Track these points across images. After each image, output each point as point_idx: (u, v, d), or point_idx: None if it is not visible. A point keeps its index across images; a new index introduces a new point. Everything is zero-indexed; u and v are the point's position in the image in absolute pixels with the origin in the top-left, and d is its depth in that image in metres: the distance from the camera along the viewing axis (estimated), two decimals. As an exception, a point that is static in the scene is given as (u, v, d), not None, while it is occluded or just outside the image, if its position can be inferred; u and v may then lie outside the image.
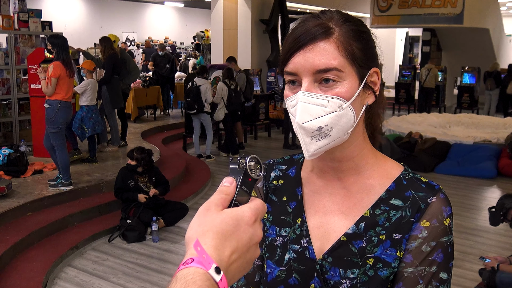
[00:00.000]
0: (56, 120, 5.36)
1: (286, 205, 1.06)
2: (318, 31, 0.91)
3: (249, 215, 0.71)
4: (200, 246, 0.66)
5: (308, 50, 0.90)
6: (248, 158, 0.75)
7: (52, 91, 5.34)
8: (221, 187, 0.74)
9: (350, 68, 0.91)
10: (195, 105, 7.83)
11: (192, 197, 6.37)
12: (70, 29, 15.88)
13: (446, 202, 0.96)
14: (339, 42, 0.91)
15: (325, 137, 0.91)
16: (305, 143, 0.92)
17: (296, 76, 0.92)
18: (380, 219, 0.96)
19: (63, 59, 5.45)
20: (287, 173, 1.09)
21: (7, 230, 4.71)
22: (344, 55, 0.91)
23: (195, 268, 0.64)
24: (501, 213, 3.78)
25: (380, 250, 0.95)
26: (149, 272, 4.42)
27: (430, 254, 0.93)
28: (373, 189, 0.99)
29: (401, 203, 0.96)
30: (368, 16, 14.79)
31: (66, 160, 5.52)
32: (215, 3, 11.95)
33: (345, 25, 0.92)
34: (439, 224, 0.94)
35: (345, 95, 0.91)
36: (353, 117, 0.92)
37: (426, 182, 0.98)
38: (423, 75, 13.55)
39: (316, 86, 0.91)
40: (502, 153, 8.17)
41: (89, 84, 6.56)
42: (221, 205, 0.71)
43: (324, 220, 1.01)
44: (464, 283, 4.25)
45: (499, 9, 15.30)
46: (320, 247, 0.99)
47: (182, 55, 20.18)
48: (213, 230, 0.68)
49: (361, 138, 0.99)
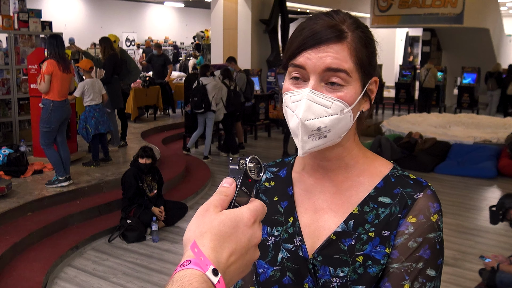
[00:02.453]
0: (50, 119, 5.34)
1: (278, 205, 1.06)
2: (333, 33, 0.91)
3: (248, 216, 0.71)
4: (198, 247, 0.66)
5: (321, 50, 0.91)
6: (248, 159, 0.74)
7: (47, 88, 5.31)
8: (220, 187, 0.74)
9: (357, 74, 0.93)
10: (202, 104, 7.83)
11: (192, 197, 6.37)
12: (70, 29, 15.89)
13: (433, 198, 0.96)
14: (351, 47, 0.92)
15: (322, 138, 0.93)
16: (302, 140, 0.93)
17: (303, 71, 0.92)
18: (369, 216, 0.97)
19: (55, 55, 5.39)
20: (278, 174, 1.10)
21: (7, 230, 4.70)
22: (354, 61, 0.92)
23: (192, 270, 0.63)
24: (500, 212, 3.80)
25: (369, 248, 0.95)
26: (149, 272, 4.42)
27: (417, 250, 0.92)
28: (362, 186, 1.00)
29: (389, 201, 0.97)
30: (368, 16, 14.79)
31: (55, 157, 5.47)
32: (215, 3, 11.95)
33: (357, 31, 0.94)
34: (426, 220, 0.93)
35: (348, 100, 0.92)
36: (350, 122, 0.94)
37: (414, 179, 0.98)
38: (422, 75, 13.55)
39: (322, 86, 0.92)
40: (502, 153, 8.17)
41: (85, 85, 6.42)
42: (220, 206, 0.71)
43: (314, 218, 1.01)
44: (464, 283, 4.25)
45: (499, 9, 15.30)
46: (311, 245, 0.99)
47: (182, 55, 20.19)
48: (211, 231, 0.68)
49: (351, 139, 1.00)
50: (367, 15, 15.47)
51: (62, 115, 5.49)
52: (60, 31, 8.13)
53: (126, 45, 19.23)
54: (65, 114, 5.57)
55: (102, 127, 6.53)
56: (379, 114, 14.23)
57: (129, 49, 18.73)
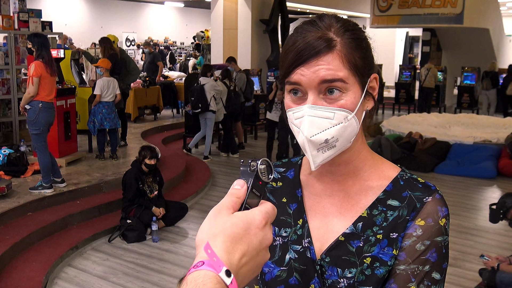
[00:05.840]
0: (38, 121, 5.25)
1: (286, 206, 1.06)
2: (321, 44, 0.90)
3: (259, 218, 0.71)
4: (211, 248, 0.66)
5: (313, 64, 0.90)
6: (260, 161, 0.75)
7: (35, 90, 5.23)
8: (232, 189, 0.74)
9: (353, 79, 0.92)
10: (199, 104, 7.83)
11: (192, 197, 6.37)
12: (70, 29, 15.87)
13: (442, 203, 0.96)
14: (342, 55, 0.91)
15: (331, 148, 0.93)
16: (312, 155, 0.93)
17: (300, 87, 0.93)
18: (377, 219, 0.97)
19: (43, 57, 5.32)
20: (286, 175, 1.10)
21: (7, 230, 4.71)
22: (348, 67, 0.91)
23: (206, 271, 0.64)
24: (501, 211, 3.81)
25: (377, 249, 0.96)
26: (149, 272, 4.42)
27: (424, 253, 0.93)
28: (371, 190, 1.00)
29: (398, 203, 0.97)
30: (368, 16, 14.79)
31: (46, 162, 5.36)
32: (215, 3, 11.95)
33: (346, 34, 0.92)
34: (434, 223, 0.94)
35: (350, 106, 0.92)
36: (357, 126, 0.95)
37: (423, 183, 0.99)
38: (422, 75, 13.55)
39: (321, 98, 0.92)
40: (502, 153, 8.17)
41: (102, 83, 6.86)
42: (232, 208, 0.72)
43: (324, 222, 1.02)
44: (464, 283, 4.25)
45: (499, 9, 15.30)
46: (320, 247, 1.00)
47: (182, 55, 20.18)
48: (224, 233, 0.68)
49: (359, 141, 1.00)
50: (367, 15, 15.48)
51: (50, 117, 5.38)
52: (60, 31, 8.14)
53: (126, 45, 19.23)
54: (52, 117, 5.44)
55: (107, 123, 6.94)
56: (379, 114, 14.23)
57: (129, 49, 18.73)
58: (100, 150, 6.99)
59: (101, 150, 6.99)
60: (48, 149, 5.46)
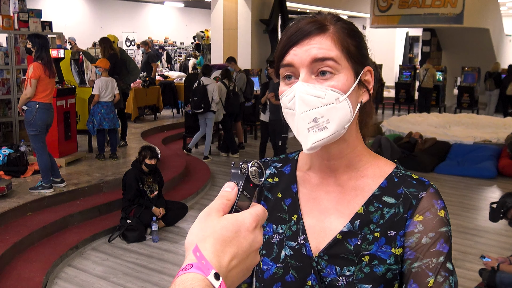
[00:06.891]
0: (35, 122, 5.23)
1: (282, 202, 1.06)
2: (313, 27, 0.93)
3: (250, 221, 0.71)
4: (200, 251, 0.66)
5: (305, 44, 0.92)
6: (250, 164, 0.75)
7: (33, 92, 5.20)
8: (222, 192, 0.74)
9: (346, 63, 0.93)
10: (201, 104, 7.83)
11: (192, 197, 6.37)
12: (70, 29, 15.87)
13: (437, 196, 0.97)
14: (334, 37, 0.93)
15: (322, 130, 0.92)
16: (302, 135, 0.93)
17: (293, 68, 0.93)
18: (374, 216, 0.97)
19: (43, 59, 5.29)
20: (282, 170, 1.10)
21: (7, 230, 4.71)
22: (339, 49, 0.92)
23: (194, 274, 0.63)
24: (501, 210, 3.81)
25: (375, 248, 0.96)
26: (149, 272, 4.42)
27: (433, 245, 0.93)
28: (366, 185, 1.00)
29: (393, 200, 0.97)
30: (368, 16, 14.79)
31: (45, 163, 5.34)
32: (215, 3, 11.94)
33: (339, 23, 0.95)
34: (433, 216, 0.94)
35: (342, 87, 0.92)
36: (350, 111, 0.93)
37: (417, 179, 0.99)
38: (421, 75, 13.55)
39: (313, 79, 0.92)
40: (502, 153, 8.17)
41: (100, 83, 6.87)
42: (222, 211, 0.71)
43: (320, 219, 1.02)
44: (464, 283, 4.25)
45: (499, 9, 15.30)
46: (316, 245, 1.00)
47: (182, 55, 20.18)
48: (213, 235, 0.68)
49: (354, 135, 1.00)
50: (367, 15, 15.48)
51: (47, 118, 5.35)
52: (60, 31, 8.14)
53: (126, 45, 19.22)
54: (49, 119, 5.41)
55: (106, 123, 6.96)
56: (379, 114, 14.23)
57: (129, 49, 18.72)
58: (100, 150, 7.00)
59: (101, 150, 6.99)
60: (47, 150, 5.46)
